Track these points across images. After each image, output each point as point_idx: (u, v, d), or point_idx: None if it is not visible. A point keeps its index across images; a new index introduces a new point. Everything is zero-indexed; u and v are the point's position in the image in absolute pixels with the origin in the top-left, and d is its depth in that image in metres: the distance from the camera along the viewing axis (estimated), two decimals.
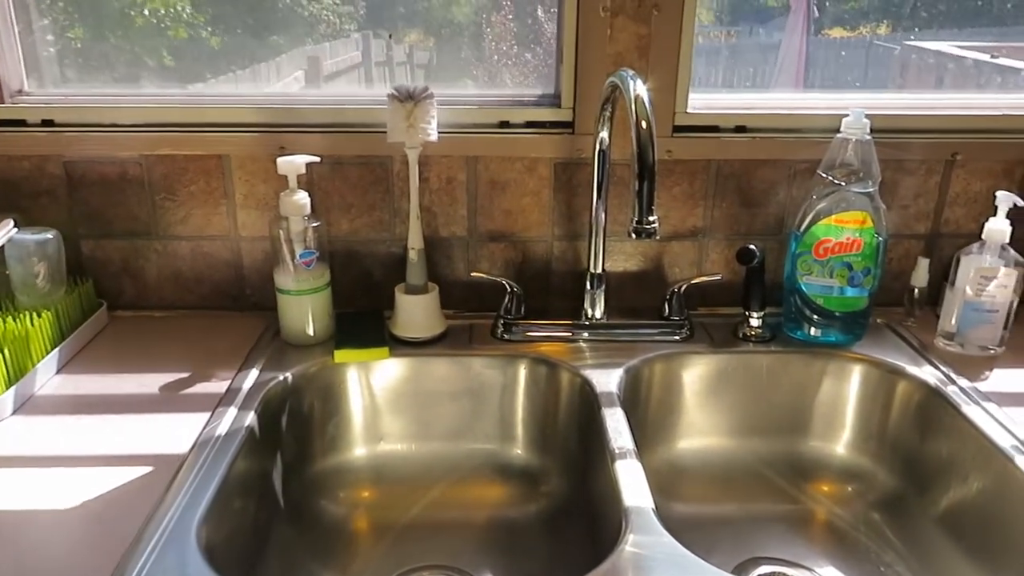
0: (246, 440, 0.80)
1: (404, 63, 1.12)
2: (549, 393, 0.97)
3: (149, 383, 0.91)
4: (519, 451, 1.00)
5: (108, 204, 1.04)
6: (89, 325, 1.01)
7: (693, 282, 1.04)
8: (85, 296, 1.02)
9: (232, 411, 0.84)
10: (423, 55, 1.12)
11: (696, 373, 0.99)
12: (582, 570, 0.62)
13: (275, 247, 0.96)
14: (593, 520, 0.84)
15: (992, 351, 0.98)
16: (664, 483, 0.96)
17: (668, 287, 1.03)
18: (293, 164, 0.94)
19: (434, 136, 0.94)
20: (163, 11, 1.06)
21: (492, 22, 1.08)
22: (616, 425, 0.83)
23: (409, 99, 0.92)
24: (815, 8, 1.47)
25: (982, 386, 0.91)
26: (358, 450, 0.99)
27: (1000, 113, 1.05)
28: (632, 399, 0.95)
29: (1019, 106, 1.07)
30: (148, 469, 0.75)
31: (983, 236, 0.96)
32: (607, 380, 0.91)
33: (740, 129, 1.04)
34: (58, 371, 0.93)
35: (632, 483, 0.73)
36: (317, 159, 0.97)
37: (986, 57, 1.42)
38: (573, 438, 0.95)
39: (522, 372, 0.98)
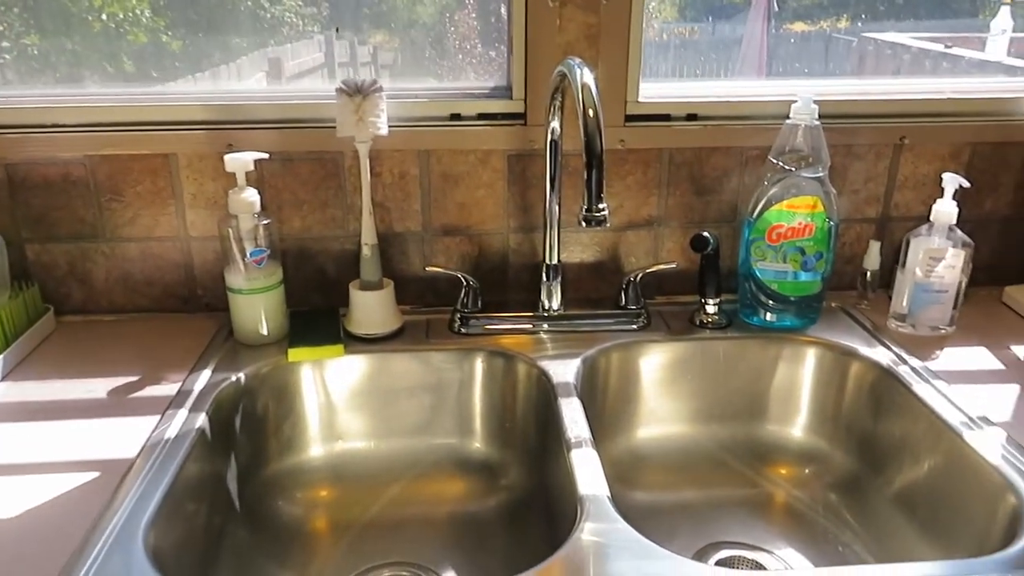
0: (197, 442, 0.78)
1: (368, 63, 1.10)
2: (507, 386, 0.97)
3: (97, 388, 0.89)
4: (478, 445, 0.99)
5: (52, 207, 1.02)
6: (35, 331, 0.98)
7: (649, 271, 1.04)
8: (30, 301, 1.00)
9: (182, 413, 0.82)
10: (388, 55, 1.11)
11: (654, 361, 1.00)
12: (541, 560, 0.62)
13: (225, 246, 0.95)
14: (552, 512, 0.84)
15: (943, 331, 1.00)
16: (624, 472, 0.96)
17: (624, 277, 1.04)
18: (241, 161, 0.92)
19: (384, 130, 0.93)
20: (122, 15, 1.04)
21: (455, 21, 1.07)
22: (573, 415, 0.83)
23: (357, 93, 0.91)
24: (775, 3, 1.49)
25: (933, 365, 0.92)
26: (315, 449, 0.97)
27: (945, 97, 1.07)
28: (590, 389, 0.95)
29: (964, 90, 1.09)
30: (95, 475, 0.73)
31: (931, 218, 0.97)
32: (564, 371, 0.91)
33: (692, 117, 1.04)
34: (2, 378, 0.91)
35: (588, 472, 0.73)
36: (266, 155, 0.95)
37: (940, 47, 1.45)
38: (531, 430, 0.95)
39: (479, 365, 0.97)
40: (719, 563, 0.86)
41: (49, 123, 0.99)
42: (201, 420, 0.81)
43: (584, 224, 0.77)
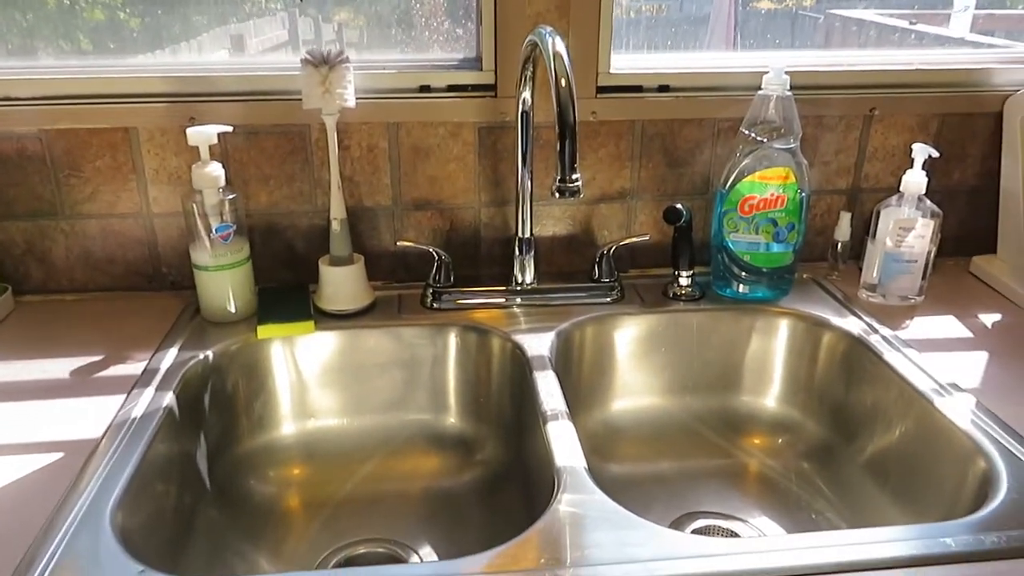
0: (164, 421, 0.76)
1: (332, 41, 1.08)
2: (481, 360, 0.96)
3: (59, 368, 0.86)
4: (453, 420, 0.98)
5: (7, 183, 0.98)
6: None
7: (622, 244, 1.04)
8: None
9: (149, 392, 0.80)
10: (353, 33, 1.08)
11: (628, 334, 0.99)
12: (519, 533, 0.62)
13: (190, 222, 0.92)
14: (528, 484, 0.84)
15: (912, 300, 1.01)
16: (600, 444, 0.96)
17: (597, 250, 1.03)
18: (204, 134, 0.90)
19: (351, 102, 0.91)
20: None
21: None
22: (548, 388, 0.82)
23: (324, 63, 0.89)
24: None
25: (903, 334, 0.93)
26: (287, 427, 0.96)
27: (914, 68, 1.07)
28: (564, 362, 0.95)
29: (932, 61, 1.09)
30: (58, 455, 0.71)
31: (901, 188, 0.98)
32: (539, 344, 0.91)
33: (664, 88, 1.03)
34: None
35: (565, 444, 0.73)
36: (229, 128, 0.93)
37: (905, 24, 1.46)
38: (506, 404, 0.94)
39: (453, 340, 0.96)
40: (695, 532, 0.86)
41: (1, 96, 0.96)
42: (168, 399, 0.79)
43: (558, 195, 0.76)
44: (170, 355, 0.87)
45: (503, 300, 1.00)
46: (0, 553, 0.59)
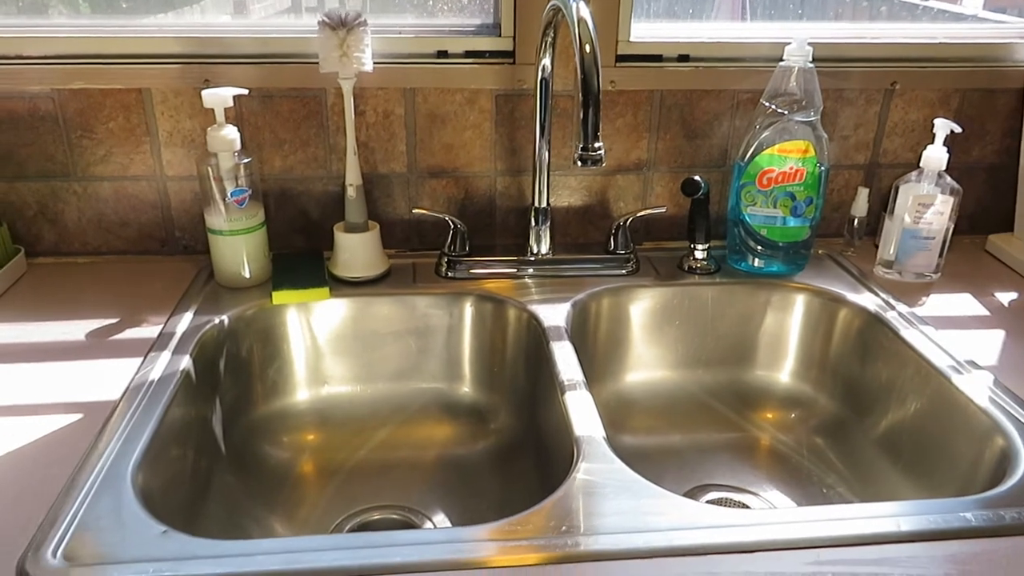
0: (181, 385, 0.76)
1: (337, 8, 1.05)
2: (496, 330, 0.96)
3: (74, 330, 0.86)
4: (467, 389, 0.98)
5: (19, 143, 0.97)
6: (6, 272, 0.95)
7: (638, 215, 1.03)
8: (0, 242, 0.96)
9: (166, 355, 0.80)
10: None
11: (642, 306, 0.99)
12: (532, 503, 0.62)
13: (204, 186, 0.91)
14: (543, 454, 0.84)
15: (928, 277, 1.00)
16: (612, 416, 0.96)
17: (613, 221, 1.02)
18: (219, 97, 0.89)
19: (369, 66, 0.90)
20: None
21: None
22: (565, 358, 0.82)
23: (341, 26, 0.87)
24: None
25: (920, 311, 0.93)
26: (301, 393, 0.96)
27: (937, 42, 1.06)
28: (580, 333, 0.94)
29: (955, 35, 1.08)
30: (78, 416, 0.71)
31: (921, 164, 0.97)
32: (554, 315, 0.90)
33: (683, 58, 1.02)
34: None
35: (583, 414, 0.73)
36: (245, 91, 0.92)
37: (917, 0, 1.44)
38: (521, 374, 0.94)
39: (468, 309, 0.96)
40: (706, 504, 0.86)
41: (13, 54, 0.94)
42: (185, 362, 0.79)
43: (579, 164, 0.75)
44: (185, 319, 0.87)
45: (517, 270, 1.00)
46: (23, 512, 0.59)
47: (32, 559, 0.54)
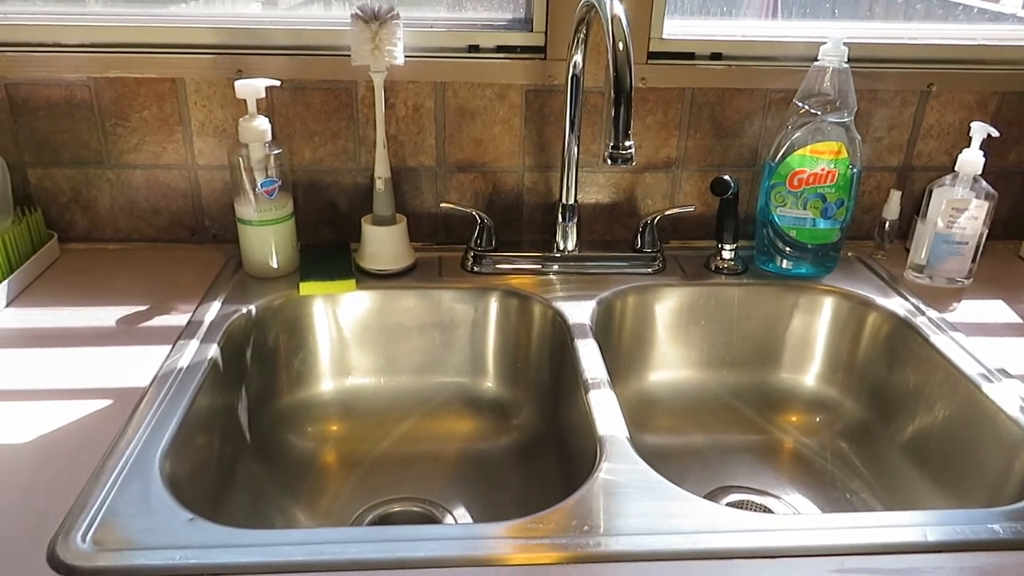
0: (209, 373, 0.77)
1: (371, 1, 1.05)
2: (520, 326, 0.96)
3: (105, 316, 0.87)
4: (490, 384, 0.99)
5: (55, 130, 0.99)
6: (39, 257, 0.96)
7: (666, 214, 1.02)
8: (34, 227, 0.97)
9: (194, 344, 0.81)
10: None
11: (668, 306, 0.99)
12: (552, 500, 0.62)
13: (235, 176, 0.92)
14: (565, 451, 0.84)
15: (960, 283, 0.99)
16: (635, 414, 0.96)
17: (641, 219, 1.02)
18: (252, 87, 0.89)
19: (400, 59, 0.90)
20: None
21: None
22: (589, 356, 0.82)
23: (374, 19, 0.88)
24: None
25: (950, 317, 0.91)
26: (326, 384, 0.97)
27: (976, 43, 1.04)
28: (604, 331, 0.94)
29: (995, 36, 1.06)
30: (107, 402, 0.72)
31: (956, 167, 0.95)
32: (579, 312, 0.90)
33: (716, 57, 1.01)
34: (8, 304, 0.89)
35: (606, 413, 0.73)
36: (277, 83, 0.92)
37: None
38: (545, 370, 0.94)
39: (493, 305, 0.96)
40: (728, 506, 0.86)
41: (51, 42, 0.96)
42: (213, 351, 0.80)
43: (610, 162, 0.75)
44: (213, 308, 0.88)
45: (543, 266, 1.00)
46: (52, 496, 0.60)
47: (63, 543, 0.55)
